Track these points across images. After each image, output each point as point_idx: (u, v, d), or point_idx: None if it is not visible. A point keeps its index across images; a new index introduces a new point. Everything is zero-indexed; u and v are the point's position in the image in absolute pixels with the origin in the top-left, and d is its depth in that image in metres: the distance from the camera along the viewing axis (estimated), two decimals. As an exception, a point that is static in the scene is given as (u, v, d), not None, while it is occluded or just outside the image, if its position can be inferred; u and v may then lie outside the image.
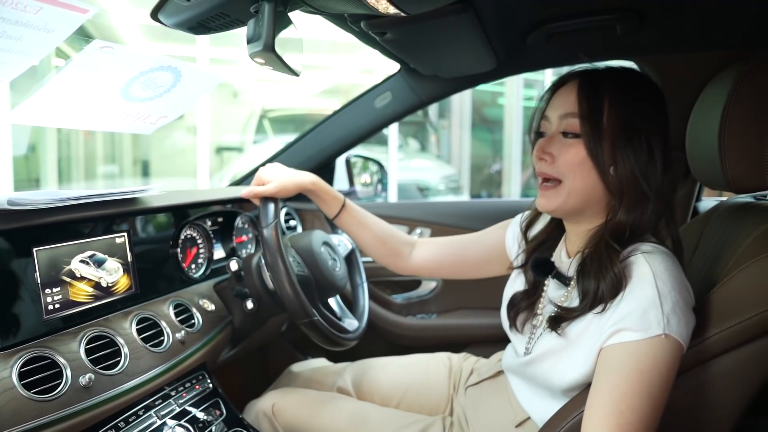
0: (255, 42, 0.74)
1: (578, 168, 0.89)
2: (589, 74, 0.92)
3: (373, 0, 0.76)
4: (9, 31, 0.71)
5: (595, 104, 0.88)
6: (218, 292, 1.27)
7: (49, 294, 0.92)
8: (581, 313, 0.87)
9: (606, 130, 0.87)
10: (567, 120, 0.90)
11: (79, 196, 0.93)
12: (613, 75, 0.92)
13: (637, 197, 0.87)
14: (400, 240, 1.28)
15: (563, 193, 0.91)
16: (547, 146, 0.92)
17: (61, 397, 0.83)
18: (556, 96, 0.94)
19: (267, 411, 1.20)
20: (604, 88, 0.89)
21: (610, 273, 0.84)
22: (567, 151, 0.90)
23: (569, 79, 0.94)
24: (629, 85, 0.91)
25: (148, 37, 5.39)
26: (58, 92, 0.92)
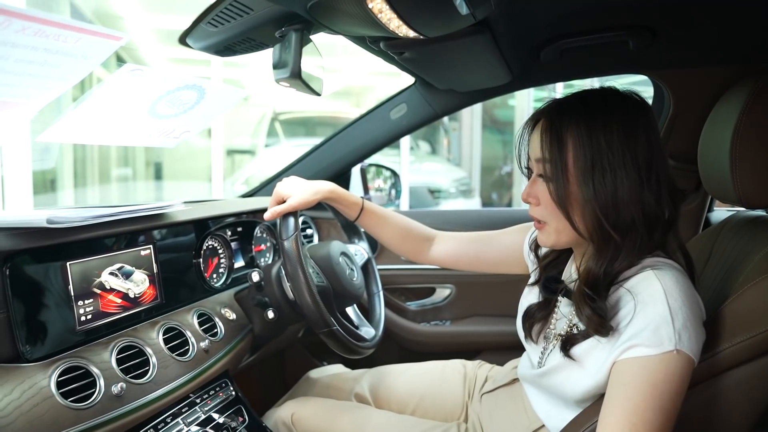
0: (282, 68, 0.78)
1: (555, 211, 0.91)
2: (553, 111, 0.91)
3: (394, 26, 0.79)
4: (50, 60, 0.75)
5: (557, 145, 0.88)
6: (239, 301, 1.31)
7: (81, 306, 0.96)
8: (584, 337, 0.89)
9: (570, 172, 0.87)
10: (539, 165, 0.92)
11: (109, 213, 0.97)
12: (578, 103, 0.90)
13: (605, 238, 0.87)
14: (421, 235, 1.32)
15: (552, 232, 0.94)
16: (531, 190, 0.95)
17: (95, 405, 0.86)
18: (532, 135, 0.95)
19: (286, 420, 1.23)
20: (566, 126, 0.88)
21: (584, 316, 0.86)
22: (544, 193, 0.92)
23: (540, 117, 0.94)
24: (596, 109, 0.88)
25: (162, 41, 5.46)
26: (89, 112, 0.96)
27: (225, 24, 0.82)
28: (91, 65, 0.81)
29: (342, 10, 0.75)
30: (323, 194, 1.22)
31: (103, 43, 0.78)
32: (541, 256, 1.11)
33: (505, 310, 1.74)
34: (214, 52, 0.92)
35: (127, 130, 1.09)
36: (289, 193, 1.17)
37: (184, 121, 1.17)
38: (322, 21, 0.80)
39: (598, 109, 0.88)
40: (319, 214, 1.78)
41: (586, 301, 0.87)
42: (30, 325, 0.87)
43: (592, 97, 0.91)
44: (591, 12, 1.07)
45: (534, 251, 1.13)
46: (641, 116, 0.89)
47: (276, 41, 0.86)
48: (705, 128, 1.06)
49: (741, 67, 1.31)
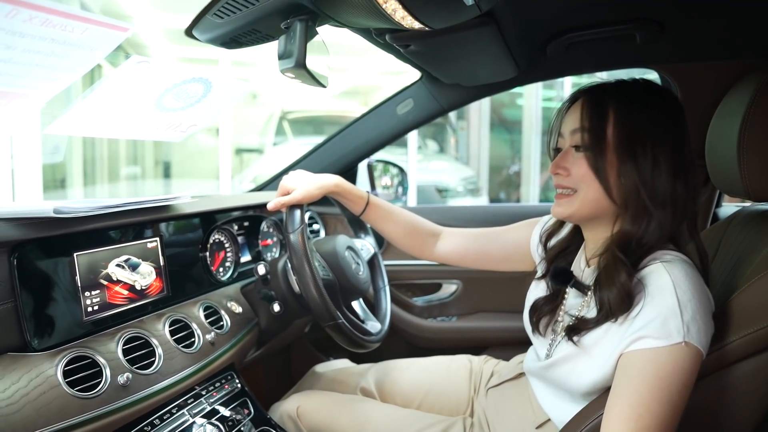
0: (287, 59, 0.78)
1: (589, 180, 0.92)
2: (594, 89, 0.96)
3: (399, 16, 0.79)
4: (57, 51, 0.75)
5: (598, 118, 0.91)
6: (245, 295, 1.31)
7: (88, 296, 0.96)
8: (597, 324, 0.89)
9: (610, 143, 0.90)
10: (576, 135, 0.94)
11: (116, 205, 0.98)
12: (618, 88, 0.95)
13: (640, 208, 0.89)
14: (426, 231, 1.32)
15: (576, 201, 0.95)
16: (561, 161, 0.96)
17: (101, 395, 0.87)
18: (569, 113, 0.98)
19: (292, 413, 1.23)
20: (608, 102, 0.92)
21: (617, 285, 0.86)
22: (579, 164, 0.94)
23: (579, 96, 0.97)
24: (635, 97, 0.93)
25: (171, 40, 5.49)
26: (97, 104, 0.97)
27: (231, 15, 0.83)
28: (98, 56, 0.82)
29: (347, 1, 0.75)
30: (328, 188, 1.22)
31: (109, 34, 0.78)
32: (551, 249, 1.10)
33: (511, 306, 1.74)
34: (220, 44, 0.93)
35: (134, 123, 1.09)
36: (294, 186, 1.18)
37: (190, 115, 1.17)
38: (327, 12, 0.80)
39: (639, 92, 0.94)
40: (325, 210, 1.78)
41: (618, 267, 0.87)
42: (37, 315, 0.87)
43: (632, 83, 0.96)
44: (598, 5, 1.07)
45: (544, 242, 1.12)
46: (676, 107, 0.94)
47: (281, 33, 0.86)
48: (713, 122, 1.05)
49: (749, 61, 1.30)
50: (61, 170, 4.86)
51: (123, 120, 1.06)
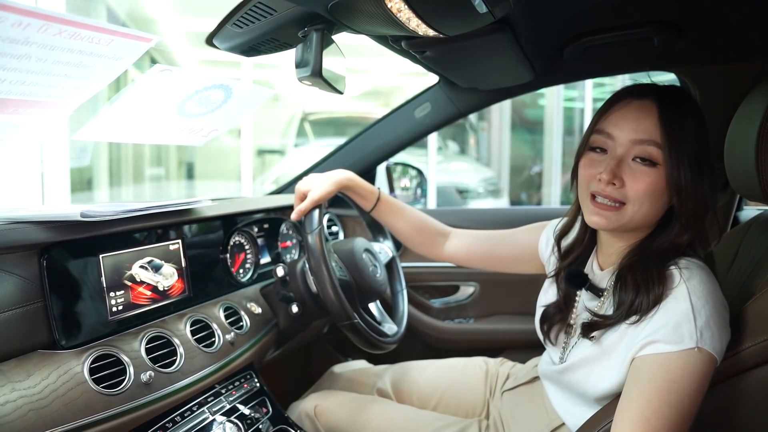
0: (304, 67, 0.80)
1: (651, 196, 0.88)
2: (667, 98, 0.89)
3: (413, 25, 0.81)
4: (84, 62, 0.78)
5: (677, 133, 0.86)
6: (264, 296, 1.34)
7: (113, 297, 1.00)
8: (615, 322, 0.89)
9: (684, 158, 0.86)
10: (643, 146, 0.88)
11: (140, 208, 1.01)
12: (686, 98, 0.90)
13: (693, 221, 0.89)
14: (435, 230, 1.34)
15: (625, 216, 0.90)
16: (619, 170, 0.89)
17: (125, 392, 0.90)
18: (625, 114, 0.91)
19: (309, 412, 1.26)
20: (686, 114, 0.88)
21: (655, 287, 0.85)
22: (640, 179, 0.88)
23: (640, 96, 0.90)
24: (696, 108, 0.90)
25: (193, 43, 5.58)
26: (122, 112, 1.00)
27: (249, 25, 0.85)
28: (123, 66, 0.85)
29: (362, 10, 0.76)
30: (342, 182, 1.25)
31: (134, 44, 0.81)
32: (564, 250, 1.10)
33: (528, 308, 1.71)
34: (240, 52, 0.95)
35: (158, 128, 1.13)
36: (309, 188, 1.21)
37: (212, 120, 1.21)
38: (343, 21, 0.82)
39: (695, 105, 0.91)
40: (344, 212, 1.81)
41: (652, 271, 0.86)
42: (65, 314, 0.91)
43: (686, 92, 0.93)
44: (614, 8, 1.06)
45: (557, 243, 1.12)
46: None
47: (299, 41, 0.88)
48: (732, 126, 1.05)
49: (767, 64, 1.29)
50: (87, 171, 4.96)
51: (147, 125, 1.10)
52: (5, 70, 0.72)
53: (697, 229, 0.89)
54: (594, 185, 0.92)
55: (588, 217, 0.94)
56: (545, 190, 7.11)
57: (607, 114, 0.93)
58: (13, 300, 0.85)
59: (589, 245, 1.07)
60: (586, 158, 0.95)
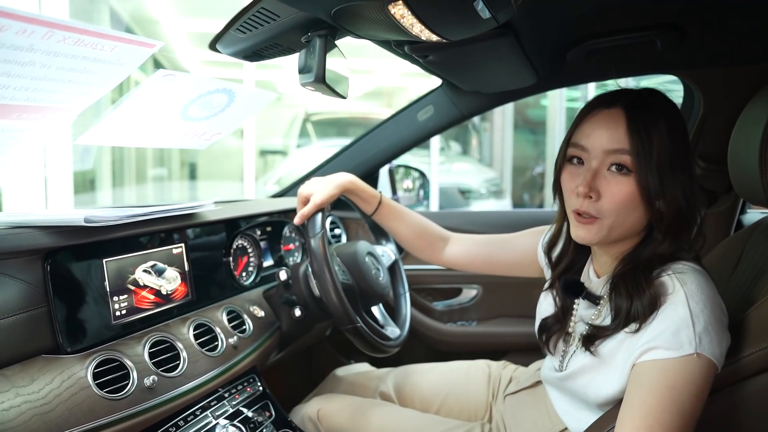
0: (307, 73, 0.80)
1: (626, 204, 0.87)
2: (635, 103, 0.89)
3: (416, 30, 0.81)
4: (88, 67, 0.78)
5: (646, 139, 0.85)
6: (267, 299, 1.34)
7: (116, 301, 1.00)
8: (614, 332, 0.89)
9: (654, 164, 0.85)
10: (616, 156, 0.87)
11: (143, 213, 1.01)
12: (656, 104, 0.89)
13: (682, 226, 0.88)
14: (436, 235, 1.34)
15: (604, 228, 0.89)
16: (594, 183, 0.88)
17: (128, 396, 0.90)
18: (595, 125, 0.90)
19: (312, 416, 1.26)
20: (652, 120, 0.87)
21: (647, 294, 0.84)
22: (615, 188, 0.87)
23: (610, 105, 0.90)
24: (669, 110, 0.89)
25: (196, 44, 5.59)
26: (125, 116, 1.01)
27: (253, 30, 0.85)
28: (127, 71, 0.85)
29: (365, 16, 0.77)
30: (344, 185, 1.25)
31: (137, 50, 0.81)
32: (554, 260, 1.10)
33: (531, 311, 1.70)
34: (243, 57, 0.95)
35: (161, 132, 1.13)
36: (311, 192, 1.21)
37: (214, 124, 1.21)
38: (346, 26, 0.82)
39: (669, 107, 0.90)
40: (347, 215, 1.81)
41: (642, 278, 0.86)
42: (69, 319, 0.91)
43: (658, 95, 0.91)
44: (617, 12, 1.06)
45: (547, 254, 1.11)
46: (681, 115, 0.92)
47: (302, 46, 0.88)
48: (735, 129, 1.04)
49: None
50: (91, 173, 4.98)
51: (150, 130, 1.10)
52: (9, 77, 0.72)
53: (678, 237, 0.88)
54: (574, 202, 0.91)
55: (573, 231, 0.94)
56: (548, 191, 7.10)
57: (580, 125, 0.93)
58: (17, 305, 0.85)
59: (580, 253, 1.06)
60: (565, 172, 0.95)
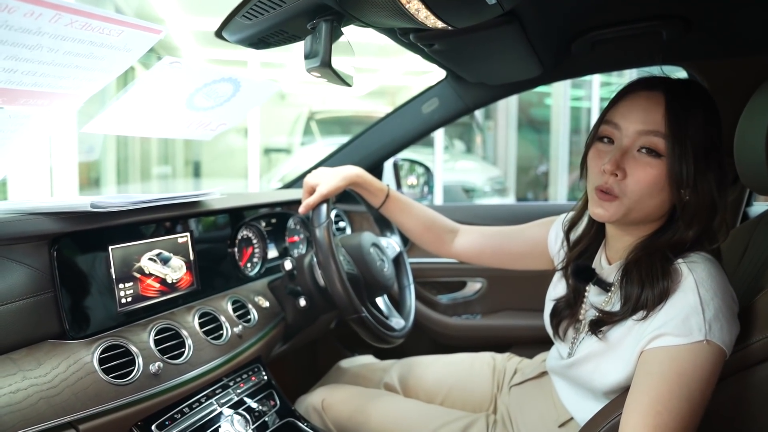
0: (313, 58, 0.80)
1: (651, 187, 0.87)
2: (676, 90, 0.89)
3: (422, 16, 0.81)
4: (95, 53, 0.79)
5: (683, 125, 0.85)
6: (272, 290, 1.34)
7: (122, 288, 1.00)
8: (622, 318, 0.89)
9: (689, 152, 0.85)
10: (649, 137, 0.87)
11: (150, 200, 1.02)
12: (696, 91, 0.90)
13: (709, 216, 0.88)
14: (444, 227, 1.34)
15: (623, 207, 0.89)
16: (622, 161, 0.88)
17: (134, 382, 0.91)
18: (633, 105, 0.90)
19: (317, 406, 1.26)
20: (691, 108, 0.87)
21: (660, 283, 0.84)
22: (642, 169, 0.87)
23: (652, 87, 0.90)
24: (707, 102, 0.89)
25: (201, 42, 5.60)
26: (131, 104, 1.01)
27: (259, 17, 0.85)
28: (133, 58, 0.85)
29: (371, 1, 0.77)
30: (351, 178, 1.24)
31: (144, 36, 0.82)
32: (573, 242, 1.10)
33: (535, 304, 1.72)
34: (249, 44, 0.95)
35: (166, 122, 1.13)
36: (317, 182, 1.21)
37: (220, 114, 1.21)
38: (351, 12, 0.82)
39: (707, 99, 0.90)
40: (352, 208, 1.81)
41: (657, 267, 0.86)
42: (75, 305, 0.92)
43: (698, 86, 0.92)
44: (622, 2, 1.06)
45: (566, 235, 1.11)
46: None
47: (308, 33, 0.88)
48: (741, 119, 1.04)
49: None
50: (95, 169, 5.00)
51: (156, 119, 1.10)
52: (17, 60, 0.72)
53: (701, 226, 0.88)
54: (598, 179, 0.91)
55: (591, 209, 0.94)
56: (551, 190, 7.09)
57: (616, 105, 0.93)
58: (24, 290, 0.86)
59: (596, 238, 1.06)
60: (594, 149, 0.94)
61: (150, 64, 0.96)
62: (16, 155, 0.96)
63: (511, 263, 1.29)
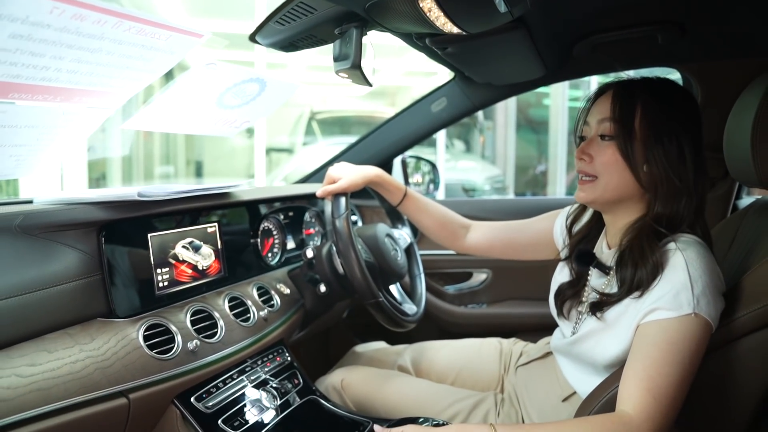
0: (343, 61, 0.89)
1: (613, 166, 1.00)
2: (624, 83, 1.04)
3: (440, 22, 0.90)
4: (145, 55, 0.87)
5: (627, 109, 0.99)
6: (292, 278, 1.43)
7: (159, 273, 1.08)
8: (619, 299, 0.98)
9: (637, 132, 0.99)
10: (603, 124, 1.02)
11: (187, 190, 1.10)
12: (645, 83, 1.03)
13: (671, 191, 0.98)
14: (458, 223, 1.42)
15: (599, 187, 1.03)
16: (587, 148, 1.04)
17: (175, 357, 0.99)
18: (596, 104, 1.06)
19: (336, 385, 1.34)
20: (637, 95, 1.00)
21: (649, 261, 0.94)
22: (603, 152, 1.02)
23: (607, 89, 1.05)
24: (661, 92, 1.01)
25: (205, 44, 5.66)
26: (167, 102, 1.09)
27: (291, 23, 0.94)
28: (176, 60, 0.94)
29: (396, 9, 0.85)
30: (371, 178, 1.32)
31: (187, 39, 0.90)
32: (575, 233, 1.19)
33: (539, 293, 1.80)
34: (280, 47, 1.04)
35: (198, 119, 1.22)
36: (340, 175, 1.29)
37: (245, 112, 1.29)
38: (377, 19, 0.90)
39: (665, 90, 1.02)
40: (363, 202, 1.89)
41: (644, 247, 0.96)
42: (120, 286, 1.00)
43: (657, 81, 1.04)
44: (622, 8, 1.15)
45: (569, 228, 1.21)
46: (695, 108, 1.03)
47: (334, 38, 0.96)
48: (730, 117, 1.12)
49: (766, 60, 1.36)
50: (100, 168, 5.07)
51: (189, 117, 1.18)
52: (80, 63, 0.80)
53: (669, 202, 0.98)
54: (577, 164, 1.07)
55: (576, 195, 1.08)
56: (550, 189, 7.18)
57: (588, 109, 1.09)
58: (77, 272, 0.94)
59: (598, 227, 1.16)
60: (578, 149, 1.08)
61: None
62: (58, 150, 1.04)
63: (520, 254, 1.38)
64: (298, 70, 6.27)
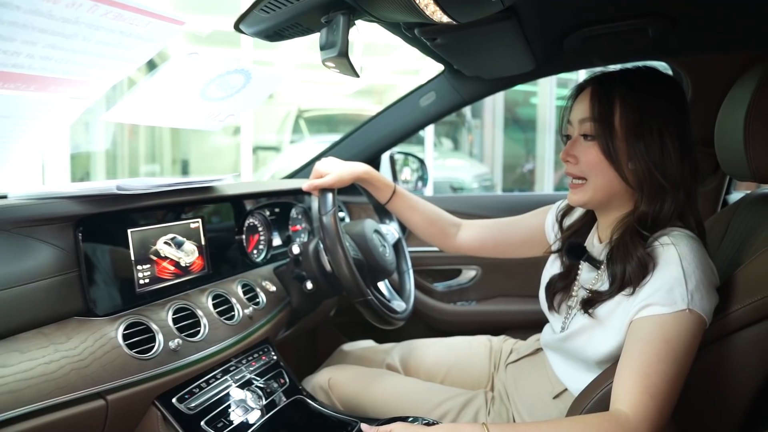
0: (329, 49, 0.86)
1: (598, 167, 0.98)
2: (601, 79, 1.01)
3: (430, 11, 0.87)
4: (123, 42, 0.83)
5: (606, 106, 0.97)
6: (278, 276, 1.40)
7: (140, 270, 1.05)
8: (610, 296, 0.96)
9: (618, 130, 0.96)
10: (584, 124, 1.00)
11: (169, 183, 1.07)
12: (624, 76, 1.00)
13: (655, 188, 0.96)
14: (448, 221, 1.39)
15: (589, 189, 1.01)
16: (570, 149, 1.03)
17: (156, 357, 0.96)
18: (576, 102, 1.04)
19: (323, 385, 1.31)
20: (615, 91, 0.97)
21: (635, 258, 0.92)
22: (587, 152, 1.00)
23: (586, 86, 1.03)
24: (640, 83, 0.99)
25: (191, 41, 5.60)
26: (148, 94, 1.05)
27: (276, 10, 0.90)
28: (157, 48, 0.90)
29: (385, -4, 0.82)
30: (359, 174, 1.29)
31: (168, 26, 0.86)
32: (565, 227, 1.18)
33: (528, 290, 1.79)
34: (265, 37, 1.01)
35: (180, 112, 1.18)
36: (327, 171, 1.26)
37: (230, 105, 1.26)
38: (365, 7, 0.87)
39: (644, 79, 1.00)
40: (351, 199, 1.86)
41: (633, 243, 0.94)
42: (98, 283, 0.96)
43: (636, 71, 1.02)
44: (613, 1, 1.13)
45: (560, 222, 1.19)
46: (679, 94, 1.01)
47: (321, 26, 0.93)
48: (721, 110, 1.11)
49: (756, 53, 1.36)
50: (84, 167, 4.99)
51: (171, 109, 1.15)
52: (55, 49, 0.77)
53: (655, 199, 0.96)
54: (565, 166, 1.05)
55: (568, 197, 1.07)
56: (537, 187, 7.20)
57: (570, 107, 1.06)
58: (52, 268, 0.90)
59: (589, 221, 1.14)
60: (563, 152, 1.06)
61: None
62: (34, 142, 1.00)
63: (512, 252, 1.36)
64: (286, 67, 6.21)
